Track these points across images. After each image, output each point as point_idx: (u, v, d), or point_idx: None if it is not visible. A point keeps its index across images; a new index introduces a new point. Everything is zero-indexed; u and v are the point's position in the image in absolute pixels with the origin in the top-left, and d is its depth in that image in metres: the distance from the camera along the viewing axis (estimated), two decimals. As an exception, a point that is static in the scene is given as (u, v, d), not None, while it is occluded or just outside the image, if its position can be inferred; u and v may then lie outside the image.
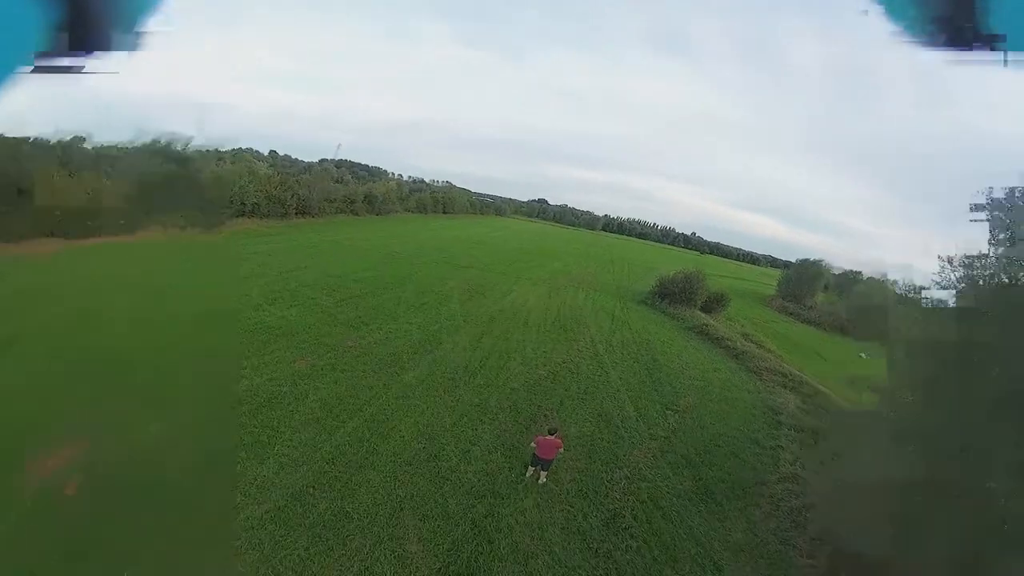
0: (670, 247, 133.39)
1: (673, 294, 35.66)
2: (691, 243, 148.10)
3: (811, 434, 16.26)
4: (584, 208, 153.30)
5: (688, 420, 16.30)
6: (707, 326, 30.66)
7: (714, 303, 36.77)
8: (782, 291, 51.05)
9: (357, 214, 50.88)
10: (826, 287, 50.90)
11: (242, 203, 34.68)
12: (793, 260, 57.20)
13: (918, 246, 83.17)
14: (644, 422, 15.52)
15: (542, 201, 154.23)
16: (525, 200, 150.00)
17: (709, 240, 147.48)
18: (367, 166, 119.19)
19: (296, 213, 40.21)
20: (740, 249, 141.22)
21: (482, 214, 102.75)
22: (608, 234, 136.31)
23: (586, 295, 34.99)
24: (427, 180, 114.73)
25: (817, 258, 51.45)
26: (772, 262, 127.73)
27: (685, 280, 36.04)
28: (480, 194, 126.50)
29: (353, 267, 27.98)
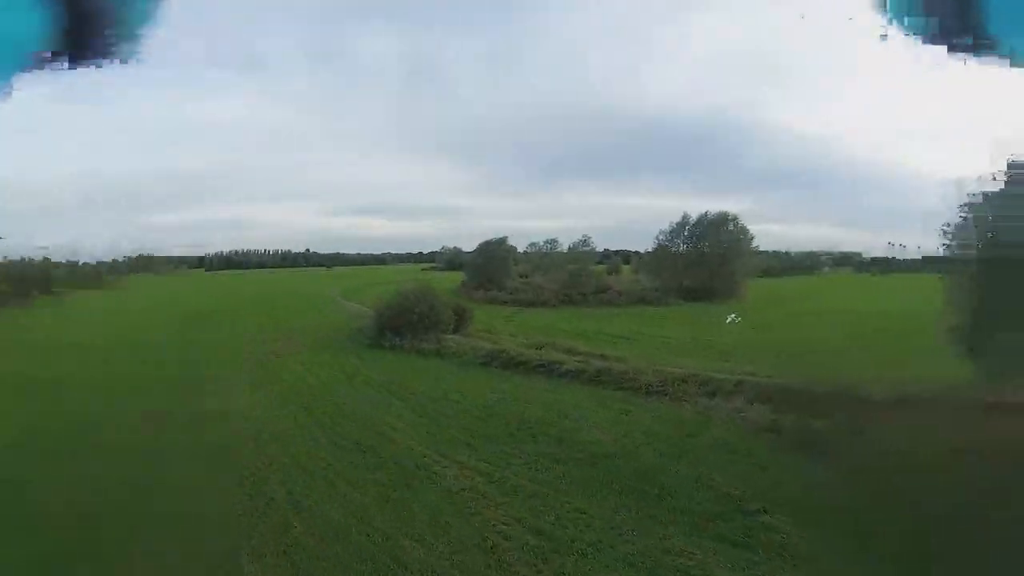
0: (294, 268, 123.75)
1: (409, 324, 28.33)
2: (310, 260, 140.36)
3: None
4: (181, 253, 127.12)
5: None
6: (501, 352, 24.89)
7: (460, 319, 30.96)
8: (472, 278, 49.15)
9: None
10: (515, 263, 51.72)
11: None
12: (411, 253, 58.19)
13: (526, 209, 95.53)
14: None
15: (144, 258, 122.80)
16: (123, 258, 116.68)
17: (326, 253, 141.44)
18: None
19: None
20: (361, 254, 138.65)
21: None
22: (224, 272, 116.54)
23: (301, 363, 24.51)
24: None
25: (499, 236, 51.58)
26: (401, 259, 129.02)
27: (419, 301, 29.13)
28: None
29: None
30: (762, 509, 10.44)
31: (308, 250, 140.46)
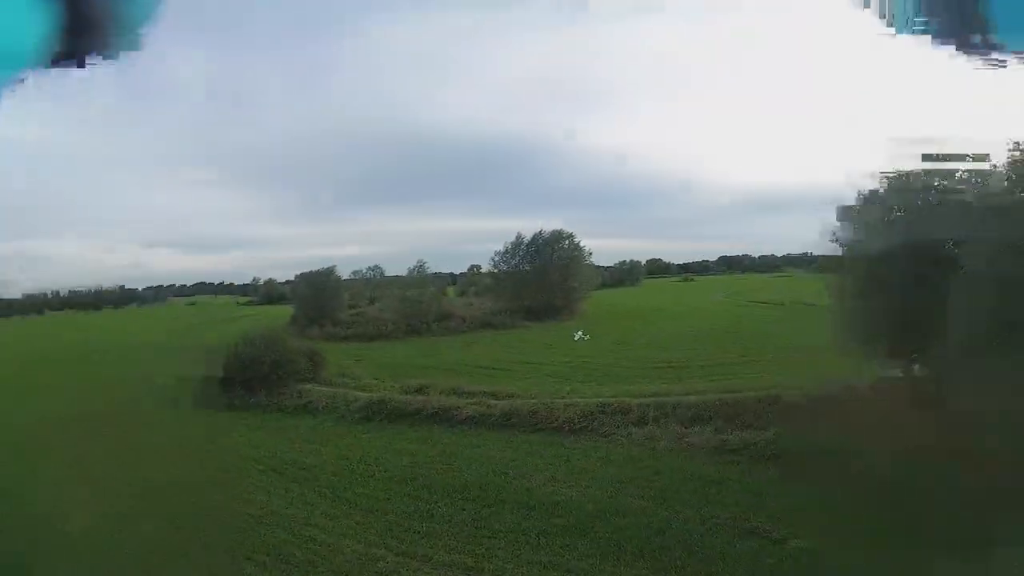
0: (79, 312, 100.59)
1: (260, 376, 23.68)
2: (102, 299, 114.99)
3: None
4: None
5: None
6: (382, 401, 21.86)
7: (314, 365, 26.65)
8: (303, 313, 43.63)
9: None
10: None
11: None
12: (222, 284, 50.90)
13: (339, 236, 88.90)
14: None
15: None
16: None
17: (115, 289, 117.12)
18: None
19: None
20: (163, 287, 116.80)
21: None
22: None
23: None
24: None
25: (325, 265, 46.55)
26: (212, 291, 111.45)
27: (268, 348, 24.54)
28: None
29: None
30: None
31: (100, 286, 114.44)
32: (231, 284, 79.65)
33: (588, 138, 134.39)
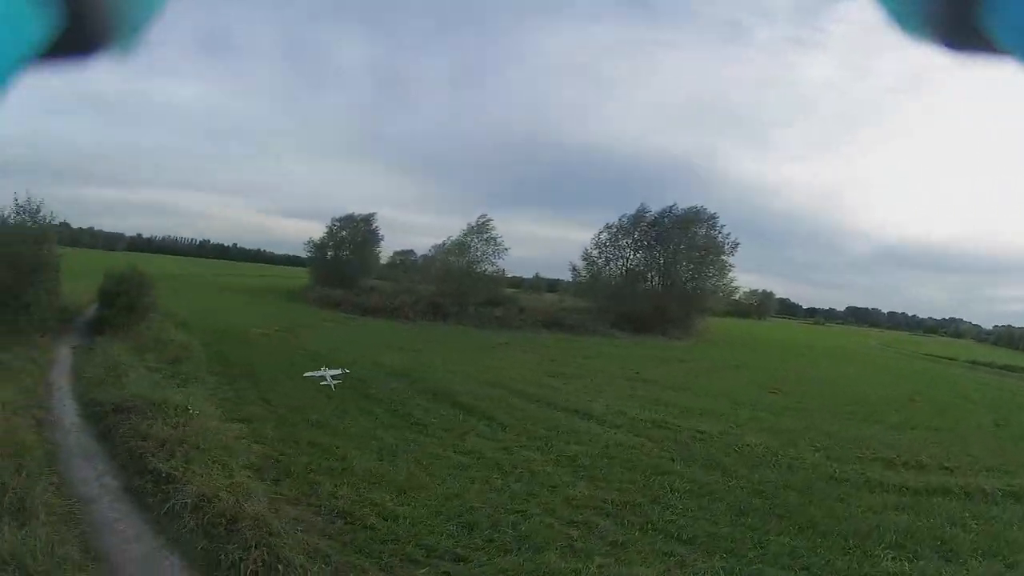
0: (203, 259, 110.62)
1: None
2: (228, 254, 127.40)
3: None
4: (115, 231, 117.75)
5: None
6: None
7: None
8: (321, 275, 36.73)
9: None
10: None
11: None
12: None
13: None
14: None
15: (64, 225, 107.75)
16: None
17: (249, 248, 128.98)
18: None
19: None
20: (286, 255, 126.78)
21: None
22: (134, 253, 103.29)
23: None
24: None
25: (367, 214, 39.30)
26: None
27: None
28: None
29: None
30: None
31: (235, 244, 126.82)
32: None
33: (733, 166, 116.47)
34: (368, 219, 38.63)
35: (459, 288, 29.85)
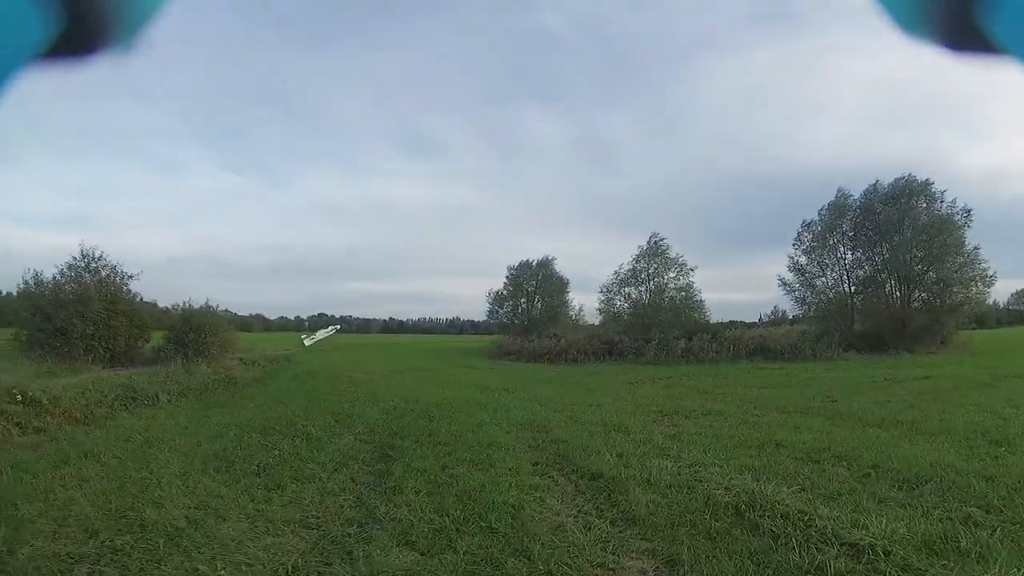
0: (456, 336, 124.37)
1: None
2: (479, 327, 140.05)
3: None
4: (366, 316, 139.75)
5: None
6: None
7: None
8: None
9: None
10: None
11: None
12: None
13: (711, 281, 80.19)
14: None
15: (324, 316, 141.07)
16: (307, 317, 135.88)
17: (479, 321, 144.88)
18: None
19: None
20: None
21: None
22: (390, 335, 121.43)
23: None
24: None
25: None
26: None
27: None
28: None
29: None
30: None
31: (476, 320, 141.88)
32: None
33: (963, 162, 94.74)
34: (545, 263, 37.16)
35: (643, 322, 26.17)
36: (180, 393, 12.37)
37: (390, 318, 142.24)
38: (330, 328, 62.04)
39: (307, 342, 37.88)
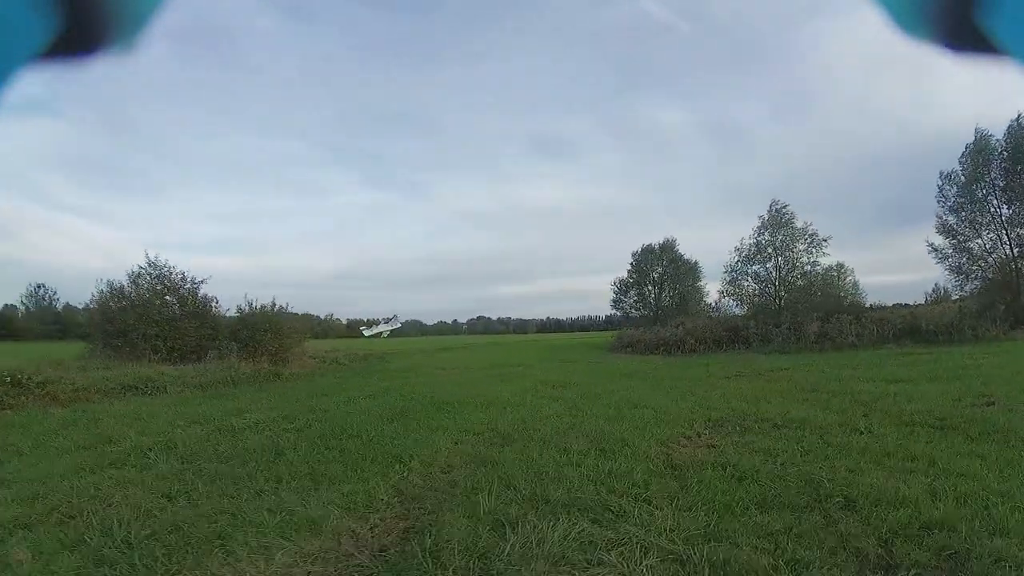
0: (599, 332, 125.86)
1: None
2: (630, 322, 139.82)
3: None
4: (523, 317, 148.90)
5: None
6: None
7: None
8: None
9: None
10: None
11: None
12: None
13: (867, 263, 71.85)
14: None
15: (483, 319, 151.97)
16: (464, 321, 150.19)
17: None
18: (319, 317, 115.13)
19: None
20: None
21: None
22: (545, 334, 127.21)
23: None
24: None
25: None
26: None
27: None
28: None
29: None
30: None
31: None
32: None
33: None
34: (668, 246, 34.78)
35: (774, 304, 23.60)
36: (198, 386, 13.16)
37: (548, 317, 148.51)
38: (386, 324, 62.49)
39: (367, 333, 41.65)
